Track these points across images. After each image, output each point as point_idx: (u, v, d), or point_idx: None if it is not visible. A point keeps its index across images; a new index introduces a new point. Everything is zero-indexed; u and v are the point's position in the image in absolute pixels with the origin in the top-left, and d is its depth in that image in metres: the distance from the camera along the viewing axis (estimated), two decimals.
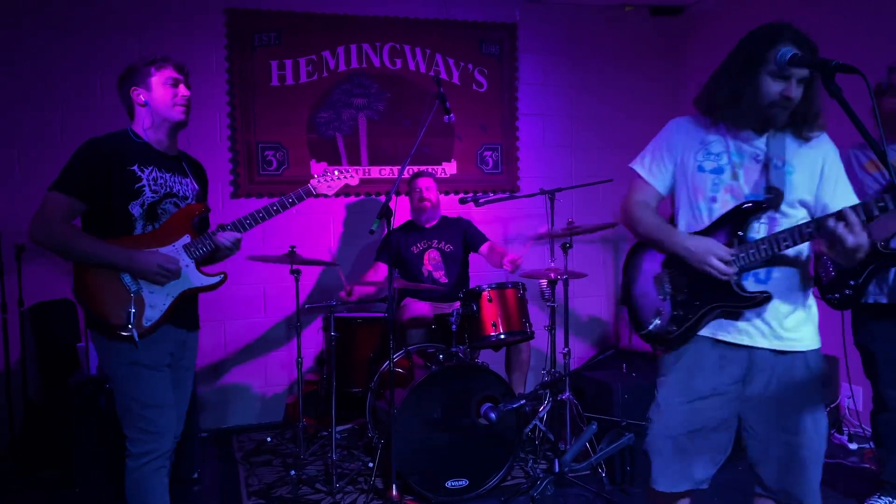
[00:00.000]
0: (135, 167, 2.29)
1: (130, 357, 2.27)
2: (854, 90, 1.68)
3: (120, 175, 2.26)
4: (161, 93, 2.35)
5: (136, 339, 2.24)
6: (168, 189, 2.37)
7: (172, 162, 2.44)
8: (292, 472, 3.47)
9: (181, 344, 2.44)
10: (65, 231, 2.23)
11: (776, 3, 4.28)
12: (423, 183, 4.12)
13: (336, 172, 2.78)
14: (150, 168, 2.33)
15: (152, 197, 2.32)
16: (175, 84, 2.37)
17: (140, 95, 2.35)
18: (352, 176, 2.82)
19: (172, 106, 2.36)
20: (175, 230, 2.38)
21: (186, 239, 2.39)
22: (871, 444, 3.17)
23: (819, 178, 1.86)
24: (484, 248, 4.17)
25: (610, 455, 3.22)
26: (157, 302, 2.31)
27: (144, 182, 2.30)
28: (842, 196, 1.84)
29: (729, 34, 1.88)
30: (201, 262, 2.43)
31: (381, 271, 4.05)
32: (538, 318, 4.41)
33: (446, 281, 4.10)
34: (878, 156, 1.47)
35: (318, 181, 2.71)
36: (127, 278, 2.27)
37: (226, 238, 2.43)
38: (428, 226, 4.16)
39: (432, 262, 4.12)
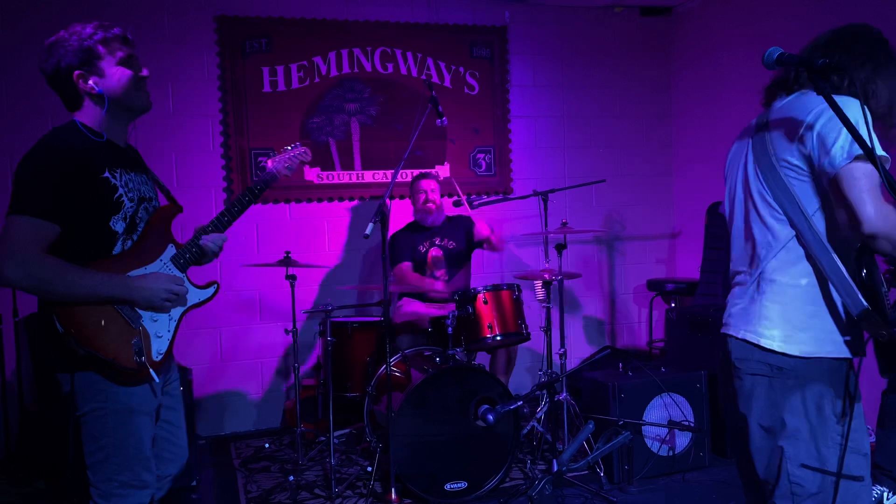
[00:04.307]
0: (107, 174, 1.88)
1: (127, 403, 1.92)
2: None
3: (93, 186, 1.85)
4: (120, 76, 1.91)
5: (156, 379, 1.93)
6: (140, 193, 1.98)
7: (130, 157, 2.03)
8: (291, 478, 3.48)
9: (167, 370, 2.12)
10: (46, 265, 1.79)
11: (762, 3, 4.31)
12: (427, 185, 4.11)
13: (289, 147, 2.41)
14: (118, 171, 1.92)
15: (131, 207, 1.94)
16: (130, 62, 1.94)
17: (90, 82, 1.90)
18: (304, 153, 2.44)
19: (137, 91, 1.95)
20: (157, 241, 2.01)
21: (171, 250, 2.04)
22: (872, 433, 3.20)
23: None
24: (484, 231, 4.12)
25: (608, 454, 3.24)
26: (162, 330, 1.98)
27: (121, 190, 1.91)
28: None
29: (716, 33, 1.89)
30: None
31: (405, 271, 4.06)
32: (534, 319, 4.42)
33: (446, 279, 4.12)
34: (869, 157, 1.47)
35: (274, 162, 2.36)
36: (126, 310, 1.90)
37: (213, 241, 2.11)
38: (432, 226, 4.16)
39: (434, 260, 4.14)
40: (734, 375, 1.74)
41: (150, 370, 1.91)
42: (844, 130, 1.50)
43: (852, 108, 1.52)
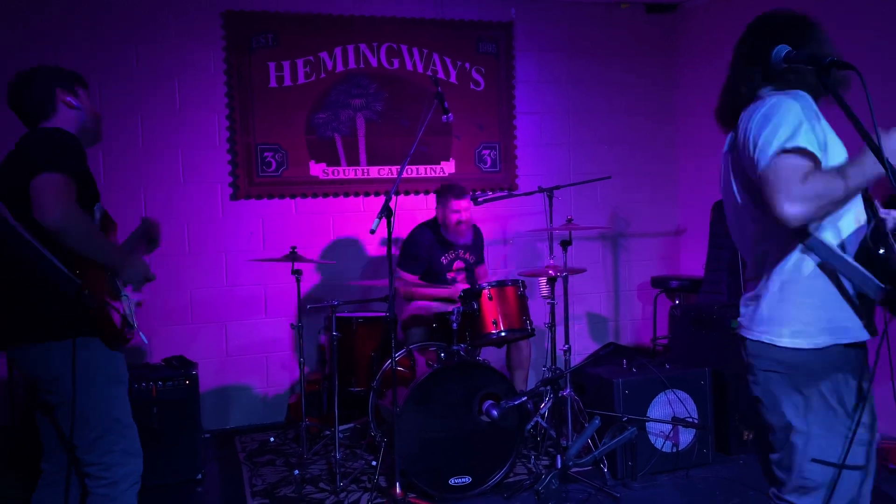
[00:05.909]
0: (90, 169, 2.15)
1: (116, 373, 2.11)
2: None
3: (88, 172, 2.09)
4: (90, 106, 2.25)
5: (145, 340, 2.17)
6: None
7: None
8: (296, 472, 3.49)
9: None
10: (85, 219, 1.99)
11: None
12: (460, 205, 4.01)
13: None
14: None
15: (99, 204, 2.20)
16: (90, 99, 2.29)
17: (69, 98, 2.18)
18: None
19: (98, 123, 2.27)
20: (111, 238, 2.26)
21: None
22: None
23: None
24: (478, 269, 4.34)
25: (612, 450, 3.25)
26: (131, 308, 2.20)
27: (95, 186, 2.17)
28: None
29: (721, 29, 1.88)
30: None
31: (408, 281, 4.07)
32: (539, 315, 4.43)
33: (467, 287, 4.13)
34: (874, 151, 1.48)
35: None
36: (114, 280, 2.12)
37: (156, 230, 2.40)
38: (464, 244, 4.18)
39: (457, 270, 4.20)
40: (749, 374, 1.79)
41: (142, 336, 2.19)
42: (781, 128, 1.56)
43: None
